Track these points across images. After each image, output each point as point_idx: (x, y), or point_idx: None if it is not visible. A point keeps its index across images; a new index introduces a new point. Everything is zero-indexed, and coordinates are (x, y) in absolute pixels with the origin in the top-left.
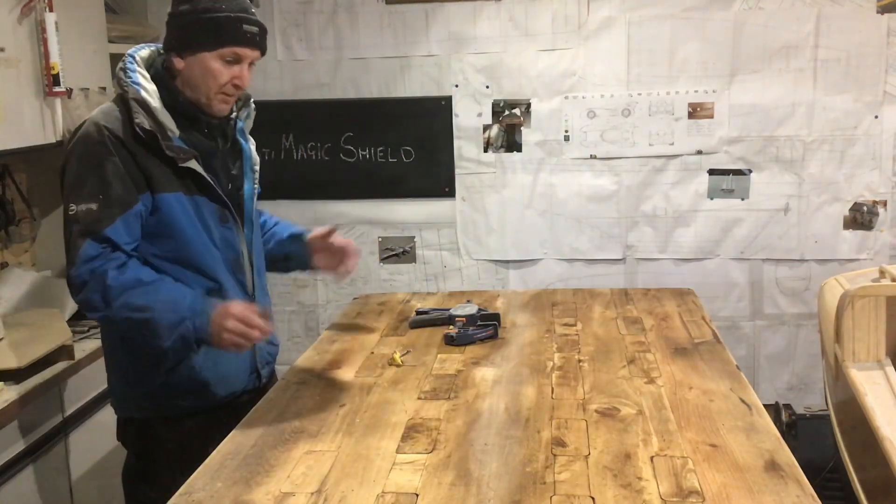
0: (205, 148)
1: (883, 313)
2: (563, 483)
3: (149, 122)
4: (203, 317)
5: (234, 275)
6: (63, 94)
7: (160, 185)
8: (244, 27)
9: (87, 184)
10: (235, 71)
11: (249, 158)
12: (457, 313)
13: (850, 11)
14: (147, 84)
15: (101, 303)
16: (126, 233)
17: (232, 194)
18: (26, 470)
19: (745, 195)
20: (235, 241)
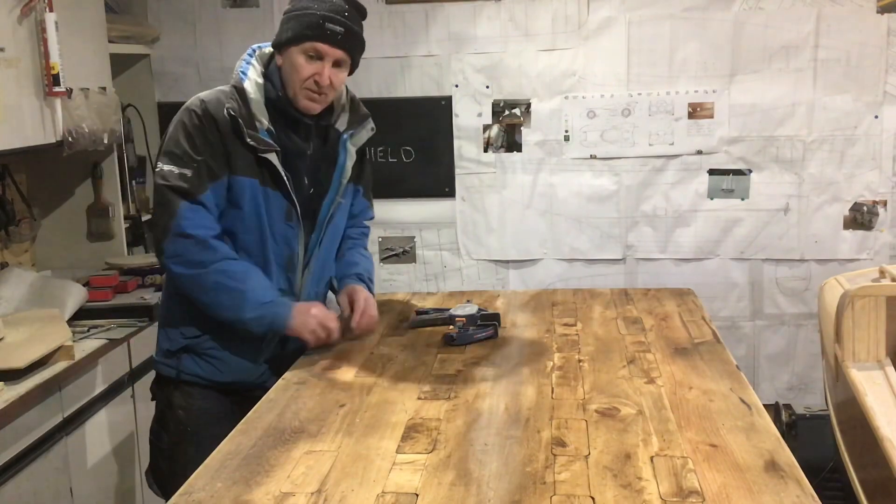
0: (294, 147)
1: (883, 313)
2: (563, 483)
3: (239, 110)
4: (286, 307)
5: (285, 271)
6: (63, 94)
7: (238, 168)
8: (327, 25)
9: (183, 148)
10: (317, 67)
11: (342, 170)
12: (457, 313)
13: (850, 11)
14: (255, 77)
15: (198, 263)
16: (214, 202)
17: (310, 197)
18: (26, 470)
19: (745, 195)
20: (294, 241)
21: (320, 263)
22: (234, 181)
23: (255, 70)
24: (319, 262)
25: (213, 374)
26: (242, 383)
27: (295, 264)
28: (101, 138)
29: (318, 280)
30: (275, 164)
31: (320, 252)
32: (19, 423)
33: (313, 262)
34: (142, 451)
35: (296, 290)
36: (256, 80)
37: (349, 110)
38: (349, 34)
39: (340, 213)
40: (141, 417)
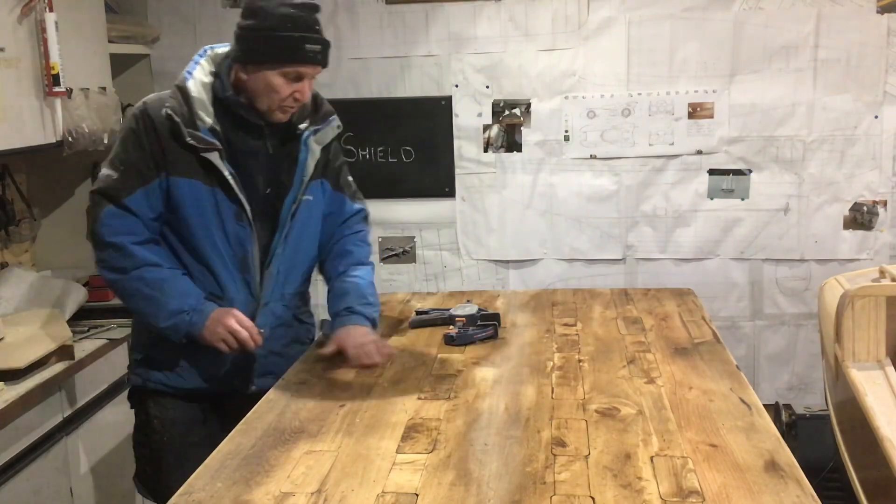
0: (244, 146)
1: (883, 313)
2: (563, 483)
3: (179, 109)
4: (202, 316)
5: (240, 272)
6: (63, 94)
7: (177, 169)
8: (307, 47)
9: (115, 152)
10: (297, 87)
11: (303, 168)
12: (457, 313)
13: (850, 11)
14: (201, 76)
15: (120, 269)
16: (146, 205)
17: (267, 197)
18: (26, 470)
19: (745, 195)
20: (246, 241)
21: (285, 264)
22: (174, 182)
23: (202, 70)
24: (284, 263)
25: (177, 381)
26: (207, 390)
27: (249, 265)
28: (101, 138)
29: (282, 282)
30: (215, 162)
31: (284, 253)
32: (19, 423)
33: (274, 263)
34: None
35: (254, 291)
36: (202, 79)
37: (311, 108)
38: (325, 47)
39: (307, 212)
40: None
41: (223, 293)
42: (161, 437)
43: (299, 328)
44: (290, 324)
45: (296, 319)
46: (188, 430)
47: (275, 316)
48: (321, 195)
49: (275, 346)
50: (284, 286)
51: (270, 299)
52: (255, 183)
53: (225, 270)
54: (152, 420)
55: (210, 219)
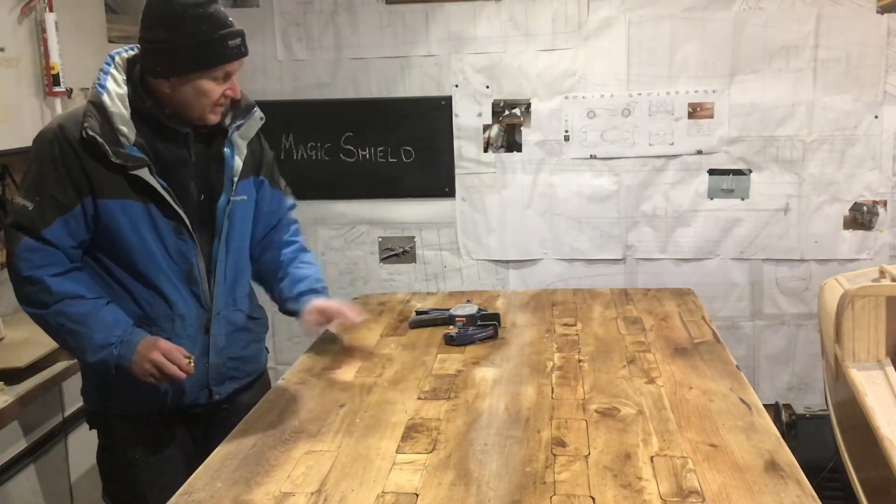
0: (171, 156)
1: (883, 313)
2: (563, 483)
3: (100, 128)
4: (129, 347)
5: (188, 286)
6: (63, 94)
7: (104, 192)
8: (229, 44)
9: (29, 181)
10: (228, 84)
11: (231, 168)
12: (457, 313)
13: (850, 11)
14: (116, 88)
15: (40, 303)
16: (66, 234)
17: (201, 204)
18: (26, 470)
19: (745, 195)
20: (189, 253)
21: (231, 270)
22: (103, 206)
23: (113, 80)
24: (229, 269)
25: (136, 407)
26: (170, 408)
27: (196, 277)
28: None
29: (230, 288)
30: (146, 179)
31: (228, 258)
32: (19, 423)
33: (220, 270)
34: None
35: (204, 302)
36: (117, 90)
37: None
38: (243, 37)
39: (243, 213)
40: None
41: (172, 310)
42: (133, 455)
43: (255, 326)
44: (244, 327)
45: (250, 319)
46: (159, 446)
47: (229, 322)
48: (254, 193)
49: (233, 352)
50: (234, 290)
51: (222, 308)
52: (189, 192)
53: (171, 287)
54: (119, 441)
55: (148, 237)
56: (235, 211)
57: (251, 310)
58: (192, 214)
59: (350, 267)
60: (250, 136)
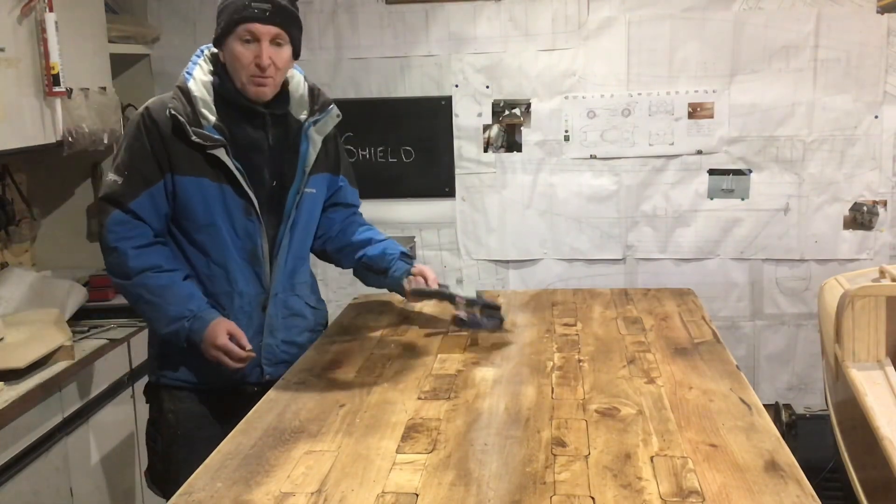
0: (248, 140)
1: (883, 313)
2: (563, 483)
3: (182, 109)
4: (201, 323)
5: (250, 265)
6: (63, 94)
7: (182, 168)
8: (254, 4)
9: (120, 157)
10: (255, 49)
11: (304, 159)
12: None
13: (850, 11)
14: (201, 76)
15: (123, 274)
16: (151, 207)
17: (274, 190)
18: (26, 470)
19: (745, 195)
20: (256, 235)
21: (291, 256)
22: (180, 182)
23: (201, 69)
24: (290, 255)
25: (189, 376)
26: (220, 383)
27: (260, 258)
28: (101, 138)
29: (290, 273)
30: (222, 158)
31: (290, 245)
32: (19, 423)
33: (281, 254)
34: (142, 451)
35: (264, 283)
36: (202, 77)
37: (309, 99)
38: (277, 8)
39: (310, 205)
40: (141, 417)
41: (233, 287)
42: (175, 430)
43: (312, 316)
44: (301, 313)
45: (308, 307)
46: (200, 424)
47: (286, 306)
48: (325, 190)
49: (287, 336)
50: (293, 276)
51: (280, 290)
52: (261, 176)
53: (235, 265)
54: (166, 414)
55: (219, 214)
56: (304, 201)
57: (310, 299)
58: (263, 198)
59: None
60: (326, 131)
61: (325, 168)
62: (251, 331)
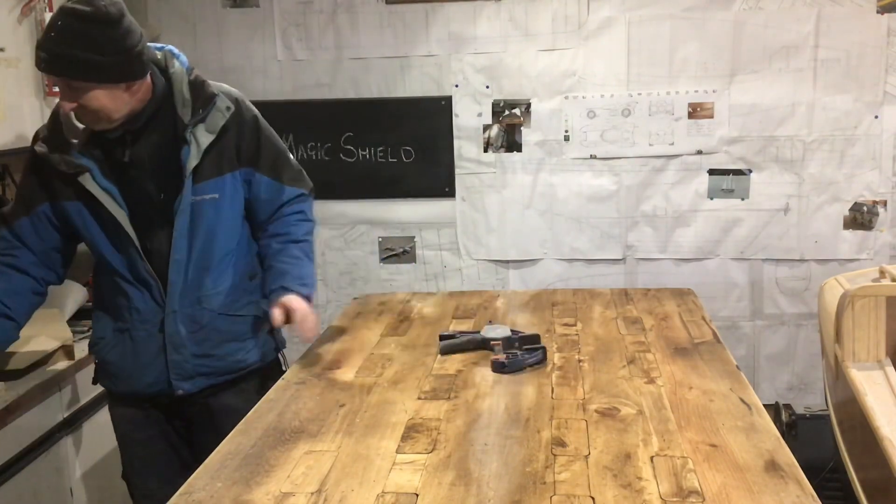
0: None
1: (883, 313)
2: (563, 483)
3: (50, 136)
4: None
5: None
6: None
7: (61, 194)
8: (38, 53)
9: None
10: (62, 96)
11: (185, 163)
12: (490, 336)
13: (850, 11)
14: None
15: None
16: (33, 232)
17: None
18: (26, 470)
19: (745, 195)
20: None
21: (193, 268)
22: (59, 208)
23: None
24: (190, 268)
25: (109, 384)
26: (137, 393)
27: (145, 277)
28: None
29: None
30: (86, 185)
31: (190, 257)
32: (19, 423)
33: (175, 270)
34: None
35: (158, 300)
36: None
37: (191, 97)
38: (52, 57)
39: (213, 211)
40: None
41: (129, 303)
42: (117, 431)
43: (229, 325)
44: (212, 325)
45: (225, 317)
46: (134, 428)
47: (189, 322)
48: (238, 189)
49: (198, 350)
50: (199, 289)
51: (180, 306)
52: (145, 192)
53: (126, 283)
54: (111, 414)
55: (98, 236)
56: (202, 209)
57: (234, 308)
58: (152, 213)
59: (350, 267)
60: (217, 128)
61: (229, 166)
62: (154, 347)
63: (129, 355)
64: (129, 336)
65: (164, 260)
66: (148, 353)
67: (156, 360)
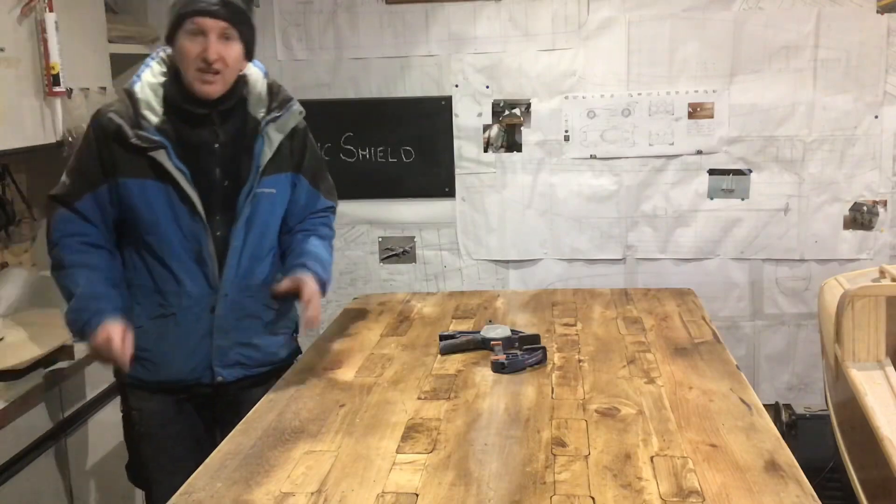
0: (196, 140)
1: (883, 313)
2: (563, 483)
3: (125, 112)
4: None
5: (197, 265)
6: (63, 94)
7: (126, 171)
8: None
9: (71, 160)
10: (202, 43)
11: (258, 158)
12: (490, 336)
13: (850, 11)
14: (150, 77)
15: (59, 265)
16: (96, 208)
17: (226, 189)
18: (26, 470)
19: (745, 195)
20: (200, 234)
21: (245, 257)
22: (123, 185)
23: (151, 71)
24: (243, 256)
25: (145, 374)
26: (177, 381)
27: (206, 259)
28: None
29: (244, 274)
30: (160, 160)
31: (244, 245)
32: (19, 423)
33: (232, 255)
34: None
35: (212, 282)
36: (150, 80)
37: (267, 96)
38: (225, 4)
39: (269, 205)
40: None
41: (180, 287)
42: (139, 428)
43: (271, 317)
44: (257, 314)
45: (267, 309)
46: (163, 423)
47: (238, 307)
48: (288, 189)
49: (241, 338)
50: (247, 278)
51: (231, 291)
52: (212, 177)
53: (180, 265)
54: (132, 412)
55: (163, 216)
56: (260, 201)
57: (270, 300)
58: (214, 198)
59: (350, 267)
60: (287, 129)
61: (287, 167)
62: (200, 330)
63: (172, 341)
64: (173, 321)
65: (220, 244)
66: (194, 338)
67: (200, 345)
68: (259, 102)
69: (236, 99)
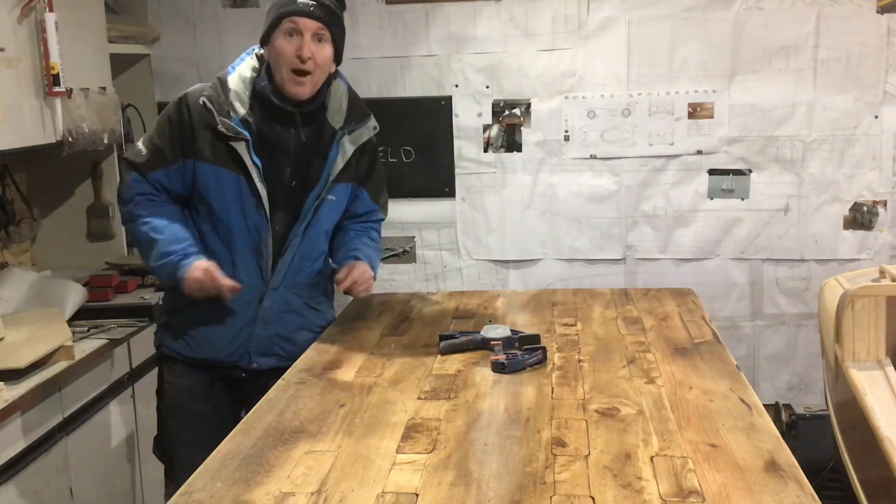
0: (276, 138)
1: (883, 313)
2: (563, 483)
3: (216, 98)
4: (188, 261)
5: (254, 257)
6: (63, 94)
7: (204, 156)
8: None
9: (152, 132)
10: (297, 42)
11: (331, 166)
12: (490, 336)
13: (850, 11)
14: (243, 70)
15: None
16: (168, 182)
17: (293, 189)
18: (26, 470)
19: (745, 195)
20: (262, 229)
21: (299, 255)
22: (200, 168)
23: (246, 65)
24: (297, 254)
25: (185, 349)
26: (215, 360)
27: (263, 252)
28: (101, 138)
29: (295, 271)
30: (240, 151)
31: (301, 245)
32: (19, 423)
33: (289, 252)
34: (142, 451)
35: (265, 276)
36: (243, 73)
37: (347, 108)
38: (321, 6)
39: (328, 211)
40: (141, 417)
41: (235, 274)
42: (169, 401)
43: (311, 316)
44: (299, 311)
45: (308, 307)
46: (192, 398)
47: (284, 302)
48: (347, 199)
49: (281, 330)
50: (297, 275)
51: (280, 285)
52: (282, 174)
53: (239, 254)
54: (164, 384)
55: (231, 205)
56: (323, 207)
57: (314, 301)
58: (280, 195)
59: None
60: (360, 142)
61: (352, 178)
62: (246, 318)
63: (218, 323)
64: (223, 304)
65: (277, 240)
66: (238, 324)
67: (242, 332)
68: (338, 112)
69: (319, 104)
